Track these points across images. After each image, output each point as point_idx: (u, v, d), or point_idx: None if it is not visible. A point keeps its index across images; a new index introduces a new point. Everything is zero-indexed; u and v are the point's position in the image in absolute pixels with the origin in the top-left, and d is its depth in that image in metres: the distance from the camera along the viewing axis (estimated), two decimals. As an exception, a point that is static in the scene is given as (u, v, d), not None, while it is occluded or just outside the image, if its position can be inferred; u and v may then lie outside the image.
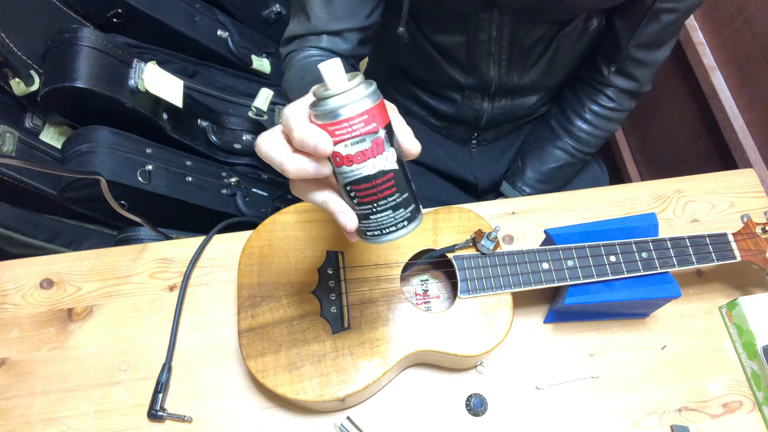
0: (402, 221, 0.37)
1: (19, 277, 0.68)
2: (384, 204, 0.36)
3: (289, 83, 0.62)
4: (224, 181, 1.00)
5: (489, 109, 0.81)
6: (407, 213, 0.37)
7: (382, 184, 0.35)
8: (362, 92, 0.33)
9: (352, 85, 0.33)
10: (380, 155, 0.34)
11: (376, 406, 0.61)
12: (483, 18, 0.66)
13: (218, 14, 1.11)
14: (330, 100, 0.33)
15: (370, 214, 0.36)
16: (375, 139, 0.33)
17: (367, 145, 0.33)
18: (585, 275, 0.58)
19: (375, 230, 0.37)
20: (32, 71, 0.81)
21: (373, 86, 0.34)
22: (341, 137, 0.33)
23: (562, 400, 0.62)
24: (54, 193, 0.84)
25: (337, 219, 0.36)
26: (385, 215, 0.36)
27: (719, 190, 0.76)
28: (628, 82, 0.76)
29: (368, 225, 0.37)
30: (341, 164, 0.34)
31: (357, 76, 0.33)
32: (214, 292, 0.67)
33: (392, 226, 0.37)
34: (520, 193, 0.85)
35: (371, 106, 0.33)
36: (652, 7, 0.64)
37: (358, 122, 0.33)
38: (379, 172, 0.34)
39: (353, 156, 0.33)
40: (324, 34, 0.63)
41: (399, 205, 0.36)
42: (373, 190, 0.35)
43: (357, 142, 0.33)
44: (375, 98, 0.33)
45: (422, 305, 0.66)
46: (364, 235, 0.38)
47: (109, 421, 0.60)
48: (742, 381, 0.64)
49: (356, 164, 0.34)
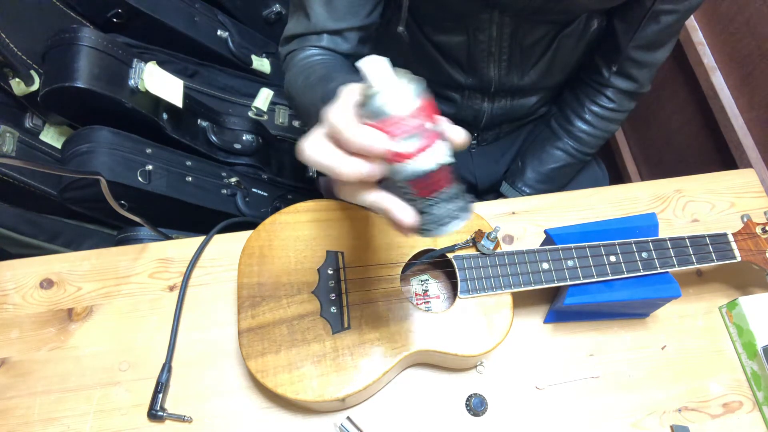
0: (457, 212, 0.37)
1: (19, 277, 0.68)
2: (443, 196, 0.36)
3: (293, 84, 0.62)
4: (224, 181, 1.00)
5: (489, 109, 0.81)
6: (462, 203, 0.37)
7: (439, 177, 0.35)
8: (413, 88, 0.33)
9: (402, 82, 0.33)
10: (436, 148, 0.34)
11: (376, 406, 0.61)
12: (483, 18, 0.66)
13: (218, 14, 1.11)
14: (382, 99, 0.32)
15: (428, 207, 0.36)
16: (429, 134, 0.33)
17: (422, 140, 0.33)
18: (585, 275, 0.58)
19: (432, 224, 0.37)
20: (32, 71, 0.81)
21: (423, 82, 0.34)
22: (397, 134, 0.33)
23: (562, 400, 0.62)
24: (54, 193, 0.84)
25: (393, 216, 0.35)
26: (443, 207, 0.36)
27: (719, 190, 0.76)
28: (627, 82, 0.76)
29: (425, 219, 0.36)
30: (397, 161, 0.33)
31: (405, 73, 0.33)
32: (214, 292, 0.67)
33: (448, 218, 0.37)
34: (520, 194, 0.85)
35: (423, 101, 0.33)
36: (651, 8, 0.64)
37: (412, 118, 0.33)
38: (435, 165, 0.34)
39: (409, 153, 0.33)
40: (325, 33, 0.62)
41: (455, 196, 0.36)
42: (430, 183, 0.35)
43: (413, 137, 0.33)
44: (424, 93, 0.33)
45: (422, 305, 0.66)
46: (422, 231, 0.37)
47: (109, 421, 0.60)
48: (742, 381, 0.64)
49: (412, 160, 0.33)
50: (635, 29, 0.68)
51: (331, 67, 0.59)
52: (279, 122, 1.15)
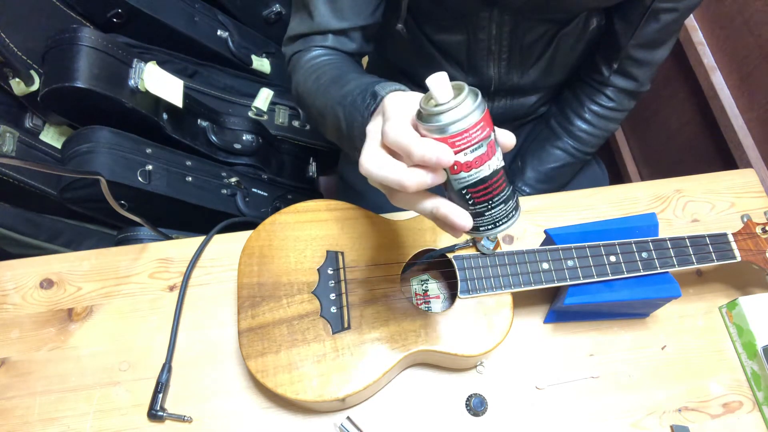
0: (511, 211, 0.39)
1: (19, 277, 0.68)
2: (498, 199, 0.38)
3: (302, 86, 0.61)
4: (224, 181, 1.00)
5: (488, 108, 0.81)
6: (515, 203, 0.39)
7: (497, 181, 0.37)
8: (474, 103, 0.34)
9: (463, 98, 0.34)
10: (494, 156, 0.36)
11: (376, 406, 0.61)
12: (483, 17, 0.66)
13: (218, 14, 1.11)
14: (447, 115, 0.34)
15: (486, 210, 0.38)
16: (489, 143, 0.35)
17: (483, 150, 0.35)
18: (585, 275, 0.58)
19: (489, 224, 0.39)
20: (32, 71, 0.81)
21: (480, 94, 0.35)
22: (461, 147, 0.34)
23: (562, 400, 0.62)
24: (54, 193, 0.84)
25: (451, 221, 0.36)
26: (499, 209, 0.38)
27: (719, 190, 0.76)
28: (627, 81, 0.76)
29: (482, 221, 0.39)
30: (459, 171, 0.35)
31: (464, 87, 0.34)
32: (214, 292, 0.67)
33: (504, 218, 0.39)
34: (520, 193, 0.85)
35: (483, 113, 0.35)
36: (651, 6, 0.64)
37: (475, 131, 0.34)
38: (493, 171, 0.36)
39: (471, 162, 0.35)
40: (330, 33, 0.62)
41: (510, 197, 0.39)
42: (489, 189, 0.37)
43: (475, 149, 0.35)
44: (484, 105, 0.35)
45: (422, 305, 0.66)
46: (477, 232, 0.40)
47: (109, 421, 0.60)
48: (742, 381, 0.64)
49: (474, 169, 0.35)
50: (635, 28, 0.67)
51: (340, 68, 0.59)
52: (279, 122, 1.15)
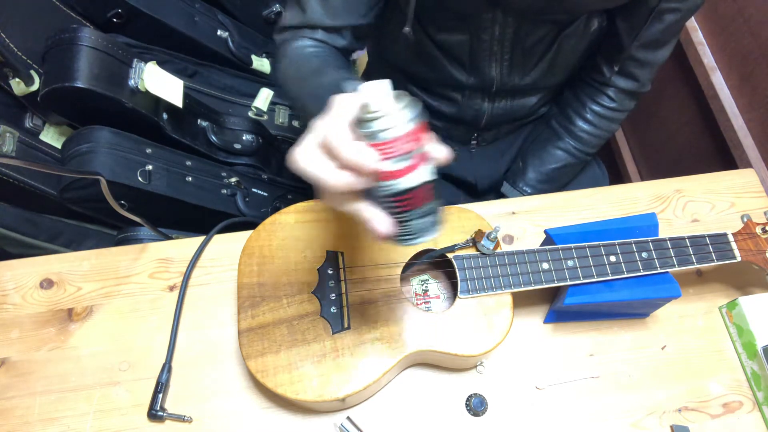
0: (431, 226, 0.40)
1: (19, 277, 0.68)
2: (420, 212, 0.38)
3: (285, 73, 0.62)
4: (224, 181, 1.00)
5: (489, 109, 0.81)
6: (437, 217, 0.40)
7: (421, 194, 0.37)
8: (410, 114, 0.34)
9: (400, 107, 0.34)
10: (422, 168, 0.36)
11: (376, 406, 0.61)
12: (486, 18, 0.66)
13: (218, 14, 1.11)
14: (379, 122, 0.34)
15: (407, 221, 0.38)
16: (419, 155, 0.36)
17: (410, 162, 0.35)
18: (585, 275, 0.58)
19: (408, 234, 0.39)
20: (32, 71, 0.81)
21: (419, 106, 0.35)
22: (389, 156, 0.34)
23: (562, 400, 0.62)
24: (54, 193, 0.84)
25: (372, 226, 0.37)
26: (420, 221, 0.39)
27: (719, 190, 0.76)
28: (628, 82, 0.76)
29: (402, 231, 0.39)
30: (385, 179, 0.36)
31: (404, 97, 0.35)
32: (214, 292, 0.67)
33: (422, 231, 0.39)
34: (522, 194, 0.85)
35: (417, 125, 0.35)
36: (656, 7, 0.64)
37: (405, 142, 0.35)
38: (419, 184, 0.36)
39: (397, 171, 0.35)
40: (320, 29, 0.63)
41: (433, 211, 0.39)
42: (412, 199, 0.37)
43: (402, 160, 0.35)
44: (420, 117, 0.35)
45: (422, 305, 0.66)
46: (395, 240, 0.40)
47: (109, 421, 0.60)
48: (742, 381, 0.64)
49: (400, 178, 0.36)
50: (640, 28, 0.68)
51: (323, 60, 0.60)
52: (279, 122, 1.15)
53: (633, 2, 0.66)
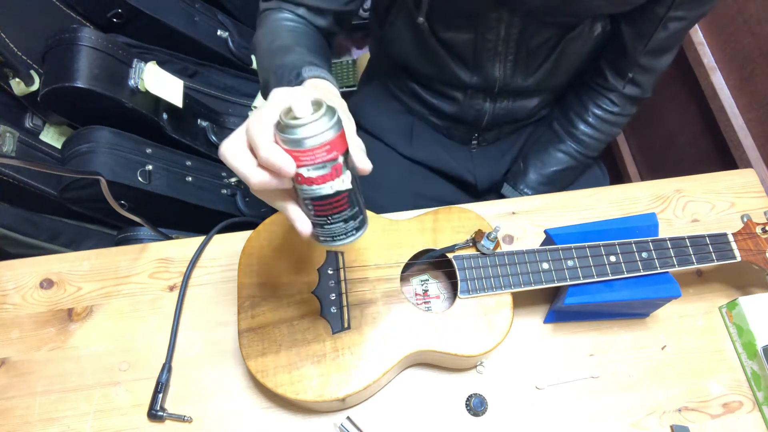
0: (351, 230, 0.42)
1: (19, 277, 0.68)
2: (337, 218, 0.40)
3: (259, 43, 0.63)
4: (224, 181, 1.00)
5: (491, 109, 0.81)
6: (356, 224, 0.42)
7: (337, 201, 0.39)
8: (326, 124, 0.35)
9: (316, 117, 0.35)
10: (338, 178, 0.38)
11: (376, 406, 0.61)
12: (492, 17, 0.66)
13: (218, 14, 1.11)
14: (296, 130, 0.35)
15: (325, 224, 0.40)
16: (334, 165, 0.37)
17: (326, 170, 0.37)
18: (585, 275, 0.58)
19: (327, 237, 0.42)
20: (32, 71, 0.81)
21: (336, 117, 0.36)
22: (304, 163, 0.36)
23: (562, 400, 0.62)
24: (54, 193, 0.84)
25: (294, 225, 0.40)
26: (337, 226, 0.41)
27: (719, 190, 0.76)
28: (632, 88, 0.76)
29: (322, 232, 0.41)
30: (302, 183, 0.37)
31: (322, 107, 0.36)
32: (214, 292, 0.67)
33: (342, 235, 0.42)
34: (521, 195, 0.85)
35: (334, 136, 0.36)
36: (665, 16, 0.64)
37: (320, 152, 0.36)
38: (335, 192, 0.38)
39: (314, 179, 0.37)
40: (303, 6, 0.63)
41: (350, 217, 0.41)
42: (328, 206, 0.39)
43: (318, 168, 0.36)
44: (337, 129, 0.36)
45: (422, 305, 0.66)
46: (317, 239, 0.42)
47: (109, 421, 0.60)
48: (742, 381, 0.64)
49: (316, 185, 0.37)
50: (649, 37, 0.68)
51: (296, 38, 0.61)
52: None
53: (639, 9, 0.66)
